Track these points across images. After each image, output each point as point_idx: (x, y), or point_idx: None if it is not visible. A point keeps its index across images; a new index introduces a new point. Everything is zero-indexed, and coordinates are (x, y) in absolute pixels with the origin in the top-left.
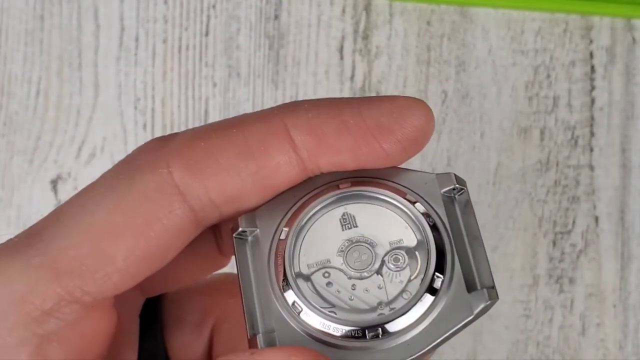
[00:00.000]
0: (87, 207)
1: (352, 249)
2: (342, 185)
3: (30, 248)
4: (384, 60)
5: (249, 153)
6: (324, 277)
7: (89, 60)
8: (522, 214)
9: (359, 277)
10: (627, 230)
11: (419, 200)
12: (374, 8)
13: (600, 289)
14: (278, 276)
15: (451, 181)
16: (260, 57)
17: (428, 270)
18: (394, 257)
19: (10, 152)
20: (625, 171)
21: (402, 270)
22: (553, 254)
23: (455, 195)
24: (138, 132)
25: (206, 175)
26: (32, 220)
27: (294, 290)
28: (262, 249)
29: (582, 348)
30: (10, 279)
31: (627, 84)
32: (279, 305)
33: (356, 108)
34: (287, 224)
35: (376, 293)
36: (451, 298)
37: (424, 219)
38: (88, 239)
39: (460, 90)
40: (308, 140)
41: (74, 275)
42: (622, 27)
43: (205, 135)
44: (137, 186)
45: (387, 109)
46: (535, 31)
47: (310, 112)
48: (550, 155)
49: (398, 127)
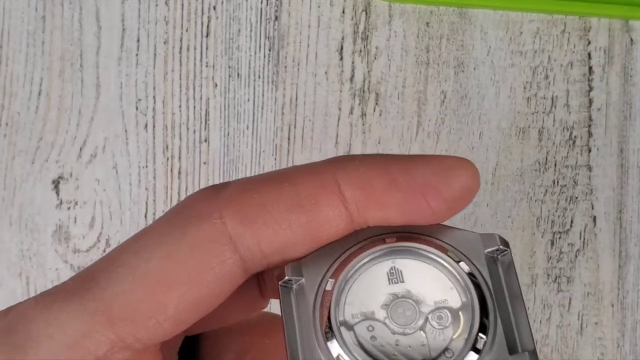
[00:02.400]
0: (141, 255)
1: (397, 304)
2: (388, 240)
3: (85, 293)
4: (384, 61)
5: (301, 206)
6: (367, 330)
7: (90, 61)
8: (520, 213)
9: (402, 333)
10: (625, 230)
11: (463, 259)
12: (374, 9)
13: (598, 288)
14: (322, 326)
15: (495, 242)
16: (260, 57)
17: (472, 330)
18: (438, 315)
19: (12, 152)
20: (623, 171)
21: (445, 329)
22: (551, 254)
23: (498, 256)
24: (139, 132)
25: (258, 226)
26: (34, 220)
27: (338, 342)
28: (307, 299)
29: (580, 347)
30: (65, 323)
31: (624, 85)
32: (323, 355)
33: (406, 165)
34: (333, 275)
35: (419, 350)
36: (493, 359)
37: (469, 279)
38: (142, 286)
39: (459, 91)
40: (358, 195)
41: (127, 322)
42: (619, 28)
43: (258, 186)
44: (190, 235)
45: (435, 168)
46: (533, 32)
47: (361, 167)
48: (548, 155)
49: (445, 187)
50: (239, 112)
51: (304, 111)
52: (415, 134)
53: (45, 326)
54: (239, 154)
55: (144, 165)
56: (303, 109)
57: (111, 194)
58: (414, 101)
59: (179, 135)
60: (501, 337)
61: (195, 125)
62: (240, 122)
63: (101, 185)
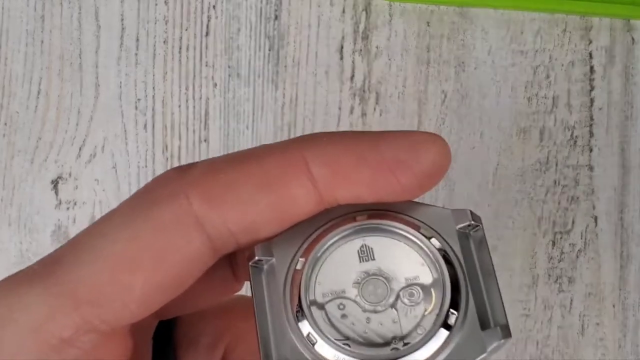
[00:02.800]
0: (107, 237)
1: (368, 281)
2: (359, 218)
3: (49, 276)
4: (384, 60)
5: (268, 185)
6: (338, 308)
7: (89, 61)
8: (521, 213)
9: (373, 311)
10: (626, 230)
11: (434, 235)
12: (374, 8)
13: (600, 288)
14: (293, 306)
15: (467, 217)
16: (260, 57)
17: (443, 306)
18: (409, 292)
19: (11, 152)
20: (624, 171)
21: (416, 306)
22: (552, 254)
23: (470, 232)
24: (139, 132)
25: (225, 206)
26: (33, 220)
27: (308, 321)
28: (278, 279)
29: (581, 347)
30: (29, 307)
31: (626, 84)
32: (294, 335)
33: (374, 142)
34: (304, 254)
35: (391, 327)
36: (465, 335)
37: (440, 255)
38: (107, 268)
39: (459, 91)
40: (326, 172)
41: (92, 304)
42: (621, 27)
43: (224, 166)
44: (155, 217)
45: (404, 143)
46: (534, 32)
47: (329, 145)
48: (549, 155)
49: (415, 162)
50: (239, 111)
51: (304, 111)
52: None
53: (9, 310)
54: None
55: (143, 165)
56: (303, 109)
57: (110, 194)
58: (414, 101)
59: (179, 135)
60: (473, 312)
61: (194, 125)
62: (240, 122)
63: (100, 185)
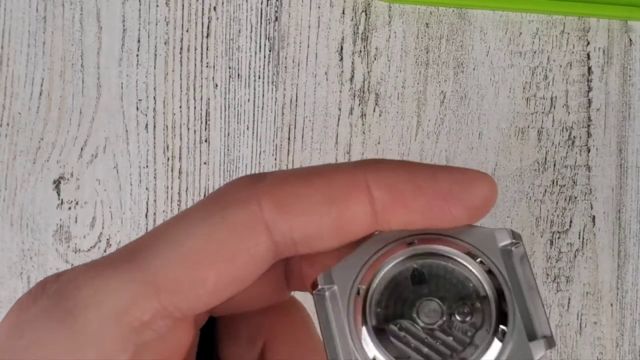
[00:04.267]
0: (185, 233)
1: (424, 303)
2: (411, 243)
3: (132, 264)
4: (383, 61)
5: (332, 200)
6: (398, 330)
7: (91, 62)
8: (519, 213)
9: (430, 330)
10: (624, 230)
11: (480, 255)
12: (373, 10)
13: (597, 287)
14: (358, 330)
15: (508, 236)
16: (260, 58)
17: (492, 321)
18: (461, 310)
19: (13, 152)
20: (622, 171)
21: (469, 323)
22: (550, 253)
23: (512, 249)
24: (140, 133)
25: (292, 215)
26: (34, 220)
27: (374, 344)
28: (341, 305)
29: (579, 346)
30: (114, 291)
31: (623, 85)
32: (360, 358)
33: (432, 173)
34: (362, 281)
35: (447, 345)
36: (514, 347)
37: (487, 274)
38: (185, 262)
39: (458, 91)
40: (385, 196)
41: (170, 292)
42: (618, 28)
43: (294, 179)
44: (230, 218)
45: (459, 178)
46: (532, 33)
47: (390, 172)
48: (547, 155)
49: (467, 196)
50: (239, 112)
51: (304, 111)
52: (415, 134)
53: (94, 293)
54: (239, 154)
55: (144, 166)
56: (303, 110)
57: (112, 194)
58: (413, 101)
59: (180, 135)
60: (520, 326)
61: (195, 125)
62: (241, 123)
63: (102, 185)
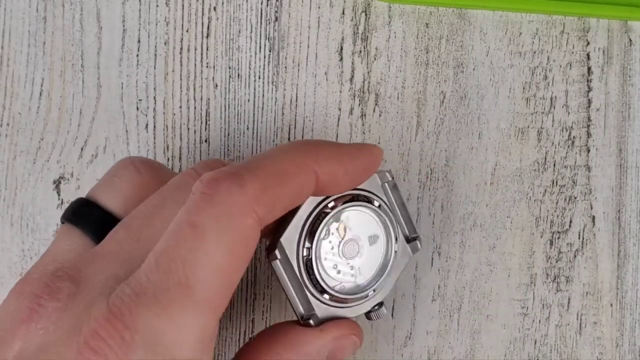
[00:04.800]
0: (218, 252)
1: (346, 246)
2: (331, 206)
3: (188, 300)
4: (383, 61)
5: (297, 196)
6: (333, 268)
7: (91, 62)
8: (519, 213)
9: (352, 259)
10: (624, 230)
11: (373, 197)
12: (373, 10)
13: (597, 287)
14: (309, 282)
15: (385, 176)
16: (260, 58)
17: (391, 242)
18: (371, 241)
19: (13, 152)
20: (622, 171)
21: (376, 245)
22: (550, 253)
23: (387, 183)
24: (140, 133)
25: (275, 212)
26: (35, 220)
27: (324, 287)
28: (293, 266)
29: (579, 346)
30: (189, 325)
31: (623, 85)
32: (309, 293)
33: (353, 157)
34: (305, 244)
35: (368, 265)
36: (401, 250)
37: (381, 212)
38: (225, 279)
39: (458, 92)
40: (327, 180)
41: (220, 309)
42: (618, 28)
43: (272, 182)
44: (241, 230)
45: (368, 155)
46: (532, 33)
47: (329, 161)
48: (547, 155)
49: (370, 166)
50: (239, 112)
51: (304, 111)
52: (415, 134)
53: None
54: (239, 154)
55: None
56: (303, 110)
57: None
58: (413, 101)
59: (180, 135)
60: (401, 235)
61: (195, 125)
62: (241, 123)
63: None
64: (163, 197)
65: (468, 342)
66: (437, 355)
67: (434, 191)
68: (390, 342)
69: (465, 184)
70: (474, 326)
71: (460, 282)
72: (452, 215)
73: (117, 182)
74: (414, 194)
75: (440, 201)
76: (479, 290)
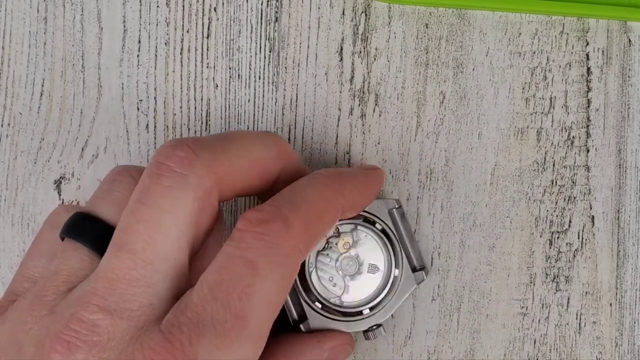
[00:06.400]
0: (273, 289)
1: (344, 260)
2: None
3: (244, 331)
4: (383, 62)
5: (328, 228)
6: (329, 280)
7: (92, 62)
8: (519, 213)
9: (350, 276)
10: (623, 230)
11: (377, 221)
12: (373, 11)
13: (596, 287)
14: (304, 290)
15: (393, 203)
16: (261, 59)
17: (392, 266)
18: (372, 266)
19: (14, 152)
20: (621, 171)
21: (377, 270)
22: (549, 253)
23: (394, 210)
24: (140, 133)
25: (314, 246)
26: (36, 220)
27: (316, 296)
28: None
29: (578, 346)
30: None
31: (622, 85)
32: (302, 300)
33: (368, 186)
34: None
35: (365, 285)
36: (404, 277)
37: (383, 235)
38: (274, 312)
39: (458, 92)
40: (349, 209)
41: (266, 338)
42: (617, 29)
43: (310, 223)
44: (290, 269)
45: (377, 181)
46: (532, 33)
47: (353, 192)
48: (546, 155)
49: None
50: (240, 112)
51: (304, 112)
52: (415, 134)
53: None
54: None
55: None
56: (303, 110)
57: None
58: (413, 102)
59: (180, 135)
60: (407, 263)
61: (196, 125)
62: (241, 123)
63: None
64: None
65: (468, 342)
66: (437, 355)
67: (433, 191)
68: (390, 341)
69: (465, 184)
70: (474, 326)
71: (460, 281)
72: (452, 215)
73: (116, 193)
74: (414, 194)
75: (440, 201)
76: (478, 290)
